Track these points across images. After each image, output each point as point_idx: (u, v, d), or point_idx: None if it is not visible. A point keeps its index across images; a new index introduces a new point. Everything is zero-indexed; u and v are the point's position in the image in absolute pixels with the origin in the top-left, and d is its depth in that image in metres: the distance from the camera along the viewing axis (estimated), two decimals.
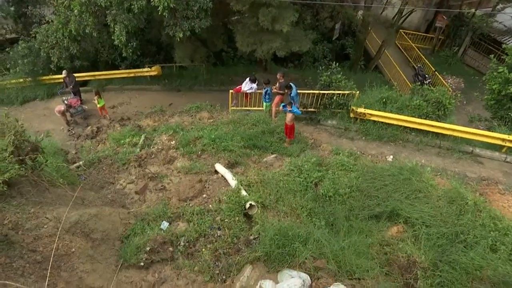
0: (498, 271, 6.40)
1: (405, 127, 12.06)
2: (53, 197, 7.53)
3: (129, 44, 12.84)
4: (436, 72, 19.98)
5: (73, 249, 6.30)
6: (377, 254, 7.17)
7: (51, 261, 5.67)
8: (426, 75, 19.45)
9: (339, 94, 12.59)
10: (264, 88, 12.72)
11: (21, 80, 16.70)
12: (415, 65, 21.12)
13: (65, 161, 10.17)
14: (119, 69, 17.77)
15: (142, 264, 6.67)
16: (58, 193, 7.76)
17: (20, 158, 7.04)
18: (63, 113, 13.70)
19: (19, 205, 6.57)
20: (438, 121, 11.76)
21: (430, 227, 7.55)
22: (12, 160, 6.72)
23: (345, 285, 6.20)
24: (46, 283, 5.52)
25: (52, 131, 10.55)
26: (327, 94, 12.70)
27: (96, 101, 13.86)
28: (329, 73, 12.91)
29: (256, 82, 13.24)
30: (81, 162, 10.40)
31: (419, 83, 14.04)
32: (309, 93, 12.93)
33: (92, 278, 6.14)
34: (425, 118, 11.89)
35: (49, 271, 5.48)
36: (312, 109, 13.15)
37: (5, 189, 6.38)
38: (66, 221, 6.65)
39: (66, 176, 8.56)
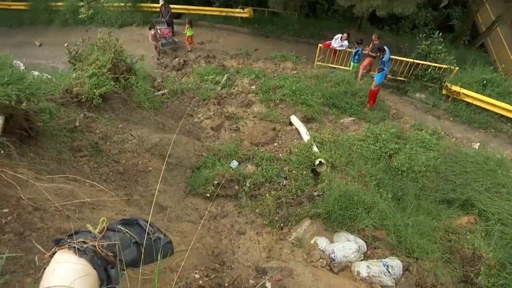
0: None
1: (502, 116, 10.96)
2: (138, 117, 8.07)
3: None
4: None
5: (150, 168, 6.79)
6: (441, 240, 6.86)
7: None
8: None
9: (435, 67, 11.66)
10: (355, 48, 12.13)
11: (122, 4, 17.55)
12: None
13: (152, 87, 10.75)
14: (213, 7, 17.90)
15: (208, 195, 7.03)
16: (143, 115, 8.29)
17: (116, 76, 7.54)
18: (154, 37, 14.27)
19: (110, 119, 7.14)
20: None
21: (507, 226, 6.99)
22: (109, 76, 7.23)
23: (401, 261, 6.08)
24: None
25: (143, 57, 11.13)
26: (421, 64, 11.83)
27: (186, 30, 14.27)
28: (429, 42, 11.92)
29: (348, 40, 12.66)
30: (166, 91, 10.92)
31: None
32: (401, 61, 12.13)
33: (162, 198, 6.62)
34: None
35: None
36: (402, 78, 12.40)
37: (100, 102, 6.94)
38: (147, 141, 7.15)
39: (151, 100, 9.09)
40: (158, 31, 14.73)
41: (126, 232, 2.10)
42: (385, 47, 11.33)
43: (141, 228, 2.17)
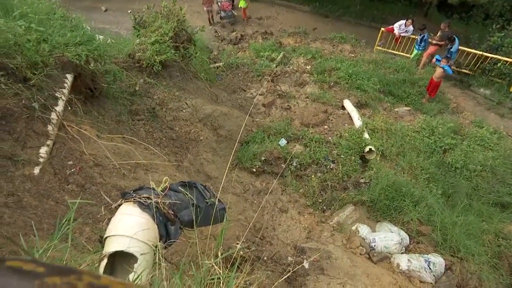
0: None
1: None
2: (194, 87, 8.26)
3: None
4: None
5: (201, 138, 6.98)
6: (490, 243, 6.57)
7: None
8: None
9: (506, 61, 10.86)
10: (420, 34, 11.53)
11: None
12: None
13: (208, 59, 10.90)
14: None
15: (254, 170, 7.15)
16: (198, 85, 8.46)
17: (176, 44, 7.72)
18: (208, 2, 14.39)
19: (167, 86, 7.36)
20: None
21: None
22: (170, 44, 7.41)
23: (444, 259, 5.92)
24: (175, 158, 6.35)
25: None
26: (491, 58, 11.07)
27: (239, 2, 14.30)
28: (502, 34, 11.09)
29: (412, 26, 12.07)
30: (221, 63, 11.03)
31: None
32: (469, 52, 11.41)
33: (210, 167, 6.80)
34: None
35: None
36: (466, 71, 11.69)
37: (160, 69, 7.16)
38: (201, 111, 7.33)
39: (207, 72, 9.25)
40: (219, 3, 14.79)
41: (186, 194, 2.20)
42: (455, 36, 10.70)
43: (199, 192, 2.27)
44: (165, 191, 2.11)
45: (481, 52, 11.17)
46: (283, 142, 7.78)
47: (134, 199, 2.03)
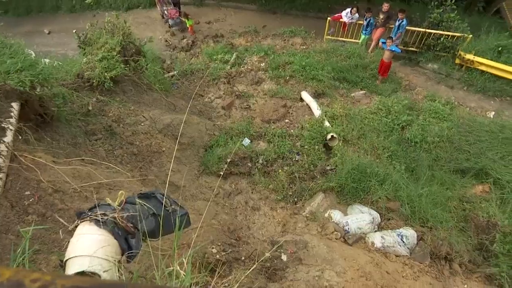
0: None
1: None
2: (149, 99, 8.15)
3: None
4: None
5: (164, 149, 6.89)
6: (455, 209, 6.89)
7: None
8: None
9: (448, 35, 11.37)
10: (366, 19, 11.85)
11: None
12: None
13: (161, 69, 10.78)
14: None
15: (221, 173, 7.11)
16: (154, 97, 8.35)
17: (125, 58, 7.59)
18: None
19: (122, 101, 7.23)
20: None
21: None
22: (119, 59, 7.28)
23: (415, 230, 6.14)
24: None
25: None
26: (433, 34, 11.55)
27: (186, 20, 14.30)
28: (441, 10, 11.59)
29: (357, 12, 12.39)
30: (175, 72, 10.94)
31: None
32: (413, 31, 11.86)
33: (177, 177, 6.73)
34: None
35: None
36: (413, 49, 12.15)
37: (111, 85, 7.02)
38: (159, 122, 7.24)
39: (162, 82, 9.14)
40: (165, 12, 14.65)
41: (144, 204, 2.18)
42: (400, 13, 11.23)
43: (158, 201, 2.26)
44: (121, 205, 2.09)
45: (424, 29, 11.63)
46: (246, 141, 7.81)
47: (90, 217, 1.99)
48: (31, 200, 3.99)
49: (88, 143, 6.03)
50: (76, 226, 2.04)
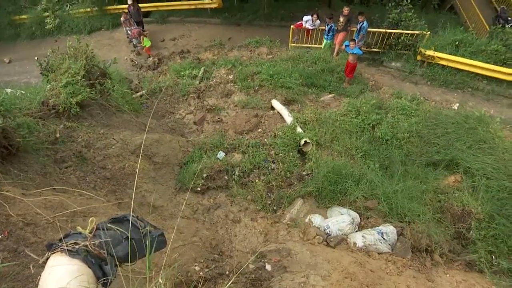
0: None
1: (477, 74, 11.20)
2: (119, 121, 8.02)
3: None
4: None
5: (138, 170, 6.78)
6: (431, 201, 7.04)
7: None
8: (509, 18, 17.42)
9: (408, 34, 11.78)
10: (327, 24, 12.14)
11: (88, 9, 17.21)
12: (497, 6, 18.91)
13: (129, 89, 10.65)
14: (180, 1, 17.65)
15: (198, 189, 7.07)
16: (123, 118, 8.23)
17: (91, 82, 7.46)
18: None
19: (90, 126, 7.08)
20: None
21: (491, 179, 7.19)
22: (84, 83, 7.14)
23: (394, 226, 6.24)
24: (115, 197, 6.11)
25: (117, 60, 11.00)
26: (394, 33, 11.94)
27: (142, 42, 14.14)
28: (398, 10, 12.02)
29: (319, 19, 12.67)
30: (144, 91, 10.83)
31: (500, 26, 12.67)
32: (374, 32, 12.22)
33: (154, 197, 6.63)
34: (502, 65, 10.89)
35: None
36: (376, 50, 12.51)
37: (78, 110, 6.88)
38: (131, 143, 7.12)
39: (130, 103, 9.02)
40: (128, 31, 14.55)
41: (116, 229, 2.14)
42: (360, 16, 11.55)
43: (132, 224, 2.21)
44: (93, 232, 2.04)
45: (384, 30, 12.00)
46: (221, 154, 7.78)
47: (61, 248, 1.94)
48: (0, 237, 3.84)
49: (58, 171, 5.86)
50: (47, 259, 1.98)
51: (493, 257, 6.08)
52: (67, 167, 6.02)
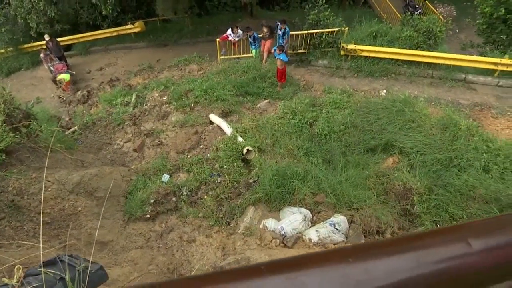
0: (490, 190, 6.61)
1: (397, 60, 11.99)
2: (52, 161, 7.62)
3: (108, 1, 12.39)
4: (426, 2, 19.43)
5: (79, 208, 6.47)
6: (374, 185, 7.36)
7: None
8: (417, 6, 18.90)
9: (328, 32, 12.35)
10: (249, 36, 12.45)
11: (2, 50, 16.26)
12: None
13: (60, 127, 10.15)
14: (102, 29, 17.24)
15: (148, 216, 6.87)
16: (57, 158, 7.83)
17: (14, 126, 7.04)
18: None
19: (20, 171, 6.65)
20: (430, 51, 11.63)
21: (425, 155, 7.71)
22: (6, 128, 6.73)
23: (344, 215, 6.45)
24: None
25: (42, 99, 10.44)
26: (315, 33, 12.46)
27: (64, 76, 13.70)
28: (316, 11, 12.58)
29: (241, 30, 12.94)
30: (76, 127, 10.37)
31: (409, 14, 13.71)
32: (297, 34, 12.67)
33: (102, 233, 6.36)
34: (417, 49, 11.75)
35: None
36: (302, 51, 12.96)
37: (4, 157, 6.45)
38: (68, 182, 6.79)
39: (63, 141, 8.61)
40: (52, 68, 13.93)
41: (49, 271, 2.03)
42: (278, 22, 11.94)
43: (66, 264, 2.12)
44: (20, 281, 1.93)
45: (306, 31, 12.49)
46: (166, 177, 7.64)
47: None
48: None
49: None
50: None
51: (438, 225, 6.48)
52: (0, 219, 5.62)
